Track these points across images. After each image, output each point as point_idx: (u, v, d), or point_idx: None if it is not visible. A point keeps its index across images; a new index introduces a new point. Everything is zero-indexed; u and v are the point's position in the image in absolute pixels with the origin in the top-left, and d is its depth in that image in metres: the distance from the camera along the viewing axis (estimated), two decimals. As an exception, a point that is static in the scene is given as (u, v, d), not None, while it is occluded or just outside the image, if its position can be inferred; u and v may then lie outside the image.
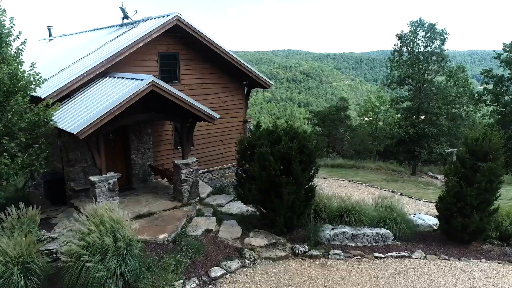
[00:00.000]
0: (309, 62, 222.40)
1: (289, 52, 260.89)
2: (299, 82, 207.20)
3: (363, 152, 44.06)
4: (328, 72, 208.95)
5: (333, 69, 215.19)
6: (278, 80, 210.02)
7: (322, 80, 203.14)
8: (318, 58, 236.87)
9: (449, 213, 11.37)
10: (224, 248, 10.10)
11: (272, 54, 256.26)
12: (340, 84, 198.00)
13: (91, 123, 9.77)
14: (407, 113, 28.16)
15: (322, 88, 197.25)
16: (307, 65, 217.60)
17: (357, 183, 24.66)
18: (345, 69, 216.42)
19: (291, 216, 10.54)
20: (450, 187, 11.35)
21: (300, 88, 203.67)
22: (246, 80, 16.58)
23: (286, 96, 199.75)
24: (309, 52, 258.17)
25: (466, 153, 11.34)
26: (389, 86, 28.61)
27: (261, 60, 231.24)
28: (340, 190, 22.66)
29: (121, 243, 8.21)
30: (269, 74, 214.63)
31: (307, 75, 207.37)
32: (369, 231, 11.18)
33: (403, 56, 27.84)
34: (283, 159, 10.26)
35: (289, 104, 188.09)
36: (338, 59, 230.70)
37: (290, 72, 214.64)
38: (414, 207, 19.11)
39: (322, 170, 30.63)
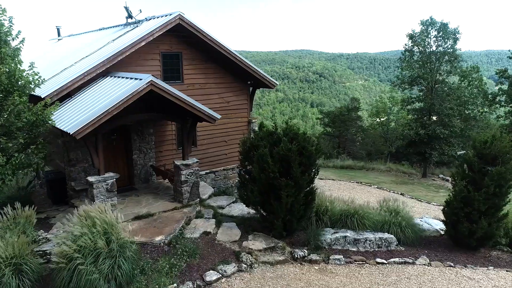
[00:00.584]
0: (322, 62, 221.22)
1: (302, 52, 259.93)
2: (312, 82, 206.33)
3: (375, 153, 43.46)
4: (341, 72, 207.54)
5: (346, 69, 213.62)
6: (291, 80, 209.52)
7: (335, 80, 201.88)
8: (331, 58, 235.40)
9: (456, 218, 10.98)
10: (221, 251, 9.90)
11: (285, 54, 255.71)
12: (354, 84, 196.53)
13: (88, 123, 9.67)
14: (418, 114, 27.58)
15: (335, 88, 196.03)
16: (320, 65, 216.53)
17: (366, 185, 24.23)
18: (358, 69, 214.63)
19: (291, 219, 10.28)
20: (457, 191, 10.96)
21: (313, 88, 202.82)
22: (250, 80, 16.36)
23: (298, 96, 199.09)
24: (322, 52, 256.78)
25: (474, 156, 10.94)
26: (400, 86, 28.07)
27: (274, 60, 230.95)
28: (348, 192, 22.32)
29: (114, 245, 8.07)
30: (282, 74, 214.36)
31: (320, 75, 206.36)
32: (372, 236, 10.86)
33: (414, 56, 27.28)
34: (282, 161, 10.02)
35: (302, 104, 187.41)
36: (352, 59, 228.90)
37: (303, 72, 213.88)
38: (423, 211, 18.65)
39: (331, 171, 30.31)
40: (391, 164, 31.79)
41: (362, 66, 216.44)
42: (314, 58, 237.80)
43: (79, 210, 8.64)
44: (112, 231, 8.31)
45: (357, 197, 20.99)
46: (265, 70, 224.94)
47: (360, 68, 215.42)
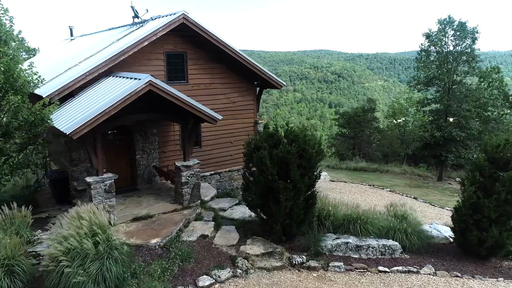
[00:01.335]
0: (341, 62, 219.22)
1: (320, 52, 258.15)
2: (330, 82, 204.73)
3: (392, 155, 42.59)
4: (360, 73, 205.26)
5: (365, 69, 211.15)
6: (309, 80, 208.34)
7: (354, 81, 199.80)
8: (350, 58, 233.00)
9: (465, 226, 10.48)
10: (218, 255, 9.68)
11: (304, 54, 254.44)
12: (373, 84, 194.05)
13: (85, 123, 9.57)
14: (434, 116, 26.79)
15: (353, 88, 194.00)
16: (339, 65, 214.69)
17: (378, 188, 23.66)
18: (378, 70, 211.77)
19: (290, 223, 9.98)
20: (465, 197, 10.46)
21: (331, 89, 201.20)
22: (257, 80, 16.10)
23: (317, 96, 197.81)
24: (341, 52, 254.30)
25: (485, 160, 10.41)
26: (415, 87, 27.33)
27: (292, 60, 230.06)
28: (359, 195, 21.84)
29: (102, 247, 7.94)
30: (300, 75, 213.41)
31: (339, 76, 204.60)
32: (375, 243, 10.45)
33: (431, 56, 26.50)
34: (282, 163, 9.73)
35: (320, 105, 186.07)
36: (371, 59, 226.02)
37: (321, 72, 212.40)
38: (435, 216, 18.08)
39: (344, 173, 29.77)
40: (406, 166, 31.02)
41: (382, 67, 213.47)
42: (333, 58, 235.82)
43: (71, 211, 8.55)
44: (102, 233, 8.18)
45: (368, 201, 20.55)
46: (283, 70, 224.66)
47: (379, 69, 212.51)
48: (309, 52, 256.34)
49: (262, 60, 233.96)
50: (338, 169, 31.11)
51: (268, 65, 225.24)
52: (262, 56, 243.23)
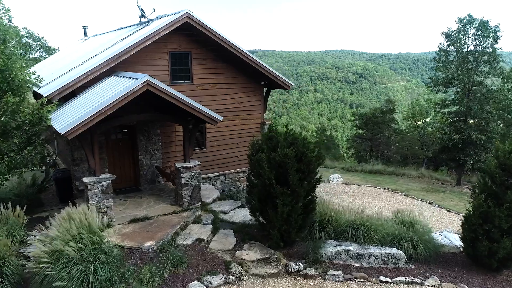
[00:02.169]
0: (362, 63, 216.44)
1: (342, 52, 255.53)
2: (351, 83, 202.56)
3: (411, 158, 41.50)
4: (382, 73, 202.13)
5: (388, 69, 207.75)
6: (330, 80, 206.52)
7: (376, 81, 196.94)
8: (372, 58, 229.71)
9: (474, 235, 9.89)
10: (212, 260, 9.41)
11: (325, 54, 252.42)
12: (395, 85, 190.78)
13: (80, 123, 9.46)
14: (453, 118, 25.84)
15: (375, 89, 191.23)
16: (360, 65, 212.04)
17: (393, 192, 22.97)
18: (400, 70, 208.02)
19: (288, 229, 9.61)
20: (475, 205, 9.87)
21: (352, 89, 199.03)
22: (264, 80, 15.77)
23: (337, 97, 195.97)
24: (363, 52, 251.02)
25: (496, 167, 9.79)
26: (433, 88, 26.42)
27: (313, 60, 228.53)
28: (371, 198, 21.26)
29: (86, 251, 7.78)
30: (321, 75, 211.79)
31: (360, 76, 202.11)
32: (378, 251, 9.97)
33: (450, 56, 25.56)
34: (279, 167, 9.39)
35: (341, 105, 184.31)
36: (394, 60, 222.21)
37: (342, 72, 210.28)
38: (450, 222, 17.37)
39: (358, 175, 29.10)
40: (424, 170, 30.07)
41: (405, 67, 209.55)
42: (354, 58, 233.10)
43: (63, 212, 8.44)
44: (90, 236, 8.04)
45: (381, 205, 19.96)
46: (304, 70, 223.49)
47: (402, 69, 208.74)
48: (331, 52, 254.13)
49: (282, 60, 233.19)
50: (353, 171, 30.47)
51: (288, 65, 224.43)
52: (282, 56, 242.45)
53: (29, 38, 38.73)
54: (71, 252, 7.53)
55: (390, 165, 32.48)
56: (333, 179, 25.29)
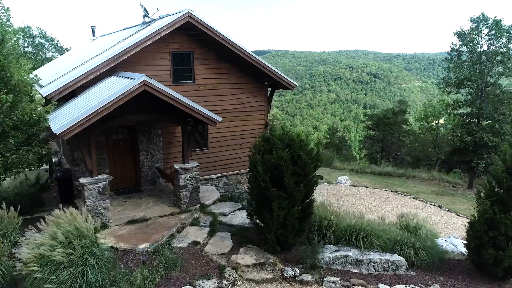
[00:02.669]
0: (377, 63, 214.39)
1: (356, 52, 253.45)
2: (365, 83, 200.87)
3: (424, 160, 40.76)
4: (397, 73, 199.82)
5: (402, 70, 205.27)
6: (344, 81, 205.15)
7: (390, 82, 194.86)
8: (387, 58, 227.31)
9: (479, 243, 9.52)
10: (206, 264, 9.23)
11: (339, 54, 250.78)
12: (410, 86, 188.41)
13: (75, 123, 9.38)
14: (465, 119, 25.22)
15: (390, 89, 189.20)
16: (375, 65, 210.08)
17: (401, 195, 22.50)
18: (416, 70, 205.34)
19: (284, 233, 9.38)
20: (480, 211, 9.50)
21: (366, 90, 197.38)
22: (268, 80, 15.56)
23: (351, 97, 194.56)
24: (378, 53, 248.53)
25: (503, 172, 9.40)
26: (445, 89, 25.83)
27: (326, 61, 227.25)
28: (379, 201, 20.84)
29: (76, 255, 7.68)
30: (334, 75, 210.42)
31: (375, 76, 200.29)
32: (377, 257, 9.66)
33: (463, 56, 24.95)
34: (275, 169, 9.17)
35: (354, 106, 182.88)
36: (409, 60, 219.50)
37: (356, 72, 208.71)
38: (459, 227, 16.88)
39: (367, 177, 28.63)
40: (435, 172, 29.42)
41: (420, 67, 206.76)
42: (368, 58, 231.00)
43: (53, 214, 8.37)
44: (80, 239, 7.94)
45: (388, 208, 19.54)
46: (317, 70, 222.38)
47: (417, 69, 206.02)
48: (344, 52, 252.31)
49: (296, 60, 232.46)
50: (363, 173, 29.99)
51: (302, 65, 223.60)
52: (296, 56, 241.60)
53: (42, 38, 39.19)
54: (58, 257, 7.43)
55: (400, 167, 31.91)
56: (341, 180, 24.91)
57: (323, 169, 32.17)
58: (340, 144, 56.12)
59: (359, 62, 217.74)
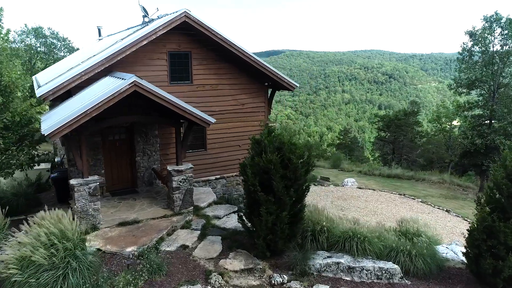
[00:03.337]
0: (392, 63, 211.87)
1: (371, 52, 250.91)
2: (380, 83, 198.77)
3: (437, 162, 39.90)
4: (413, 74, 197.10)
5: (418, 70, 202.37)
6: (358, 81, 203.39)
7: (405, 82, 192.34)
8: (402, 58, 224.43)
9: (478, 252, 9.10)
10: (193, 269, 9.04)
11: (354, 54, 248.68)
12: (426, 86, 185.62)
13: (63, 124, 9.29)
14: (476, 121, 24.52)
15: (405, 90, 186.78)
16: (390, 66, 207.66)
17: (409, 198, 21.98)
18: (432, 71, 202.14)
19: (274, 239, 9.13)
20: (479, 219, 9.08)
21: (381, 90, 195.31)
22: (268, 81, 15.31)
23: (366, 97, 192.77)
24: (393, 53, 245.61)
25: (504, 178, 8.96)
26: (456, 90, 25.18)
27: (341, 61, 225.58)
28: (385, 204, 20.38)
29: (58, 257, 7.57)
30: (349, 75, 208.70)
31: (390, 76, 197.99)
32: (371, 264, 9.32)
33: (474, 56, 24.27)
34: (265, 173, 8.92)
35: (369, 106, 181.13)
36: (425, 60, 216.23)
37: (371, 73, 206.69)
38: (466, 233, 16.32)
39: (375, 180, 28.11)
40: (446, 175, 28.70)
41: (437, 67, 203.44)
42: (384, 58, 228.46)
43: (38, 215, 8.29)
44: (63, 242, 7.83)
45: (394, 212, 19.08)
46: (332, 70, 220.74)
47: (434, 70, 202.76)
48: (359, 52, 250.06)
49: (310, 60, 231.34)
50: (371, 175, 29.46)
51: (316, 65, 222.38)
52: (310, 56, 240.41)
53: (53, 39, 39.69)
54: (39, 259, 7.33)
55: (409, 170, 31.24)
56: (347, 183, 24.48)
57: (331, 170, 31.78)
58: (352, 145, 55.50)
59: (374, 62, 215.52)
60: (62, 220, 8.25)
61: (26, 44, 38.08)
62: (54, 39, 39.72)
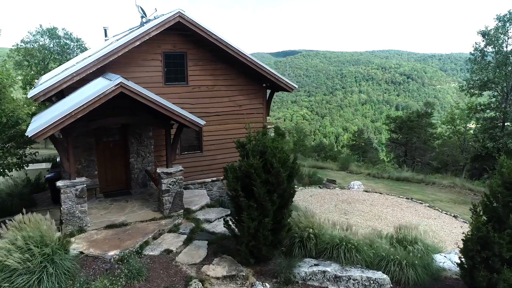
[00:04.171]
0: (411, 63, 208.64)
1: (389, 52, 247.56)
2: (398, 84, 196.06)
3: (452, 164, 38.87)
4: (431, 74, 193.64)
5: (437, 70, 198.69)
6: (376, 81, 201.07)
7: (424, 83, 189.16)
8: (421, 59, 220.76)
9: (472, 263, 8.65)
10: (174, 274, 8.84)
11: (371, 54, 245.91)
12: (445, 87, 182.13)
13: (47, 126, 9.22)
14: (488, 124, 23.71)
15: (423, 91, 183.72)
16: (408, 66, 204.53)
17: (416, 202, 21.41)
18: (451, 71, 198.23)
19: (257, 245, 8.86)
20: (473, 228, 8.62)
21: (399, 90, 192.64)
22: (266, 82, 15.03)
23: (383, 98, 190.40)
24: (412, 53, 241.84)
25: (500, 185, 8.48)
26: (468, 91, 24.41)
27: (358, 61, 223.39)
28: (390, 209, 19.87)
29: (35, 262, 7.48)
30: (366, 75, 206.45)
31: (408, 77, 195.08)
32: (358, 274, 8.96)
33: (487, 56, 23.48)
34: (247, 177, 8.67)
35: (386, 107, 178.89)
36: (445, 60, 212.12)
37: (389, 73, 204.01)
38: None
39: (384, 183, 27.49)
40: (458, 179, 27.86)
41: (456, 68, 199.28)
42: (402, 58, 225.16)
43: (16, 218, 8.23)
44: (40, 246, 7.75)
45: (399, 216, 18.56)
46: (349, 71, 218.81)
47: (453, 70, 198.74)
48: (377, 52, 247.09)
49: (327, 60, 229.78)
50: (380, 178, 28.86)
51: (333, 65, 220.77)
52: (327, 57, 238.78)
53: (67, 39, 40.22)
54: (13, 263, 7.25)
55: (422, 172, 30.47)
56: (353, 186, 24.00)
57: (339, 172, 31.25)
58: (366, 147, 54.74)
59: (392, 62, 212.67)
60: (41, 224, 8.17)
61: (39, 45, 38.68)
62: (68, 40, 40.23)
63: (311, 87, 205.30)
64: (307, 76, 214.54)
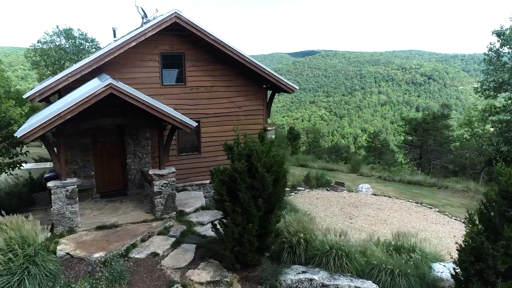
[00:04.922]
0: (432, 64, 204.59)
1: (410, 52, 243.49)
2: (419, 84, 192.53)
3: (470, 168, 37.77)
4: (453, 75, 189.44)
5: (460, 71, 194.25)
6: (396, 82, 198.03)
7: (445, 83, 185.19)
8: (443, 59, 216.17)
9: (466, 275, 8.24)
10: (158, 279, 8.71)
11: (392, 54, 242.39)
12: (467, 88, 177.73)
13: (36, 127, 9.23)
14: (504, 127, 22.88)
15: (445, 92, 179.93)
16: (429, 66, 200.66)
17: (425, 207, 20.76)
18: (474, 72, 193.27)
19: (242, 250, 8.65)
20: (467, 239, 8.22)
21: (419, 91, 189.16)
22: (266, 83, 14.80)
23: (403, 99, 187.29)
24: (433, 53, 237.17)
25: (497, 194, 8.06)
26: (483, 93, 23.61)
27: (378, 61, 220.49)
28: (398, 213, 19.33)
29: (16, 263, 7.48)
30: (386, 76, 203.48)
31: (429, 78, 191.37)
32: (346, 283, 8.65)
33: (503, 57, 22.65)
34: (232, 182, 8.47)
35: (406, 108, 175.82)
36: (467, 60, 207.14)
37: (409, 74, 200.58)
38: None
39: (394, 186, 26.84)
40: (471, 183, 26.98)
41: (479, 68, 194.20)
42: (423, 59, 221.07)
43: (-1, 219, 8.25)
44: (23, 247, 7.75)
45: (406, 221, 18.01)
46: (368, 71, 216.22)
47: (476, 71, 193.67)
48: (397, 53, 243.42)
49: (346, 61, 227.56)
50: (390, 181, 28.19)
51: (352, 65, 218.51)
52: (346, 57, 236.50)
53: (82, 40, 40.85)
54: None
55: (435, 176, 29.67)
56: (361, 189, 23.49)
57: (349, 175, 30.71)
58: (382, 148, 53.78)
59: (412, 62, 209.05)
60: (23, 226, 8.17)
61: (56, 45, 39.38)
62: (83, 40, 40.85)
63: (329, 88, 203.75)
64: (325, 77, 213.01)
